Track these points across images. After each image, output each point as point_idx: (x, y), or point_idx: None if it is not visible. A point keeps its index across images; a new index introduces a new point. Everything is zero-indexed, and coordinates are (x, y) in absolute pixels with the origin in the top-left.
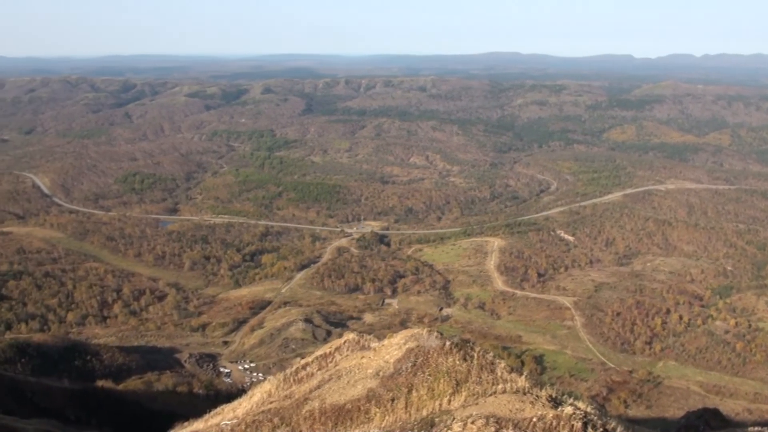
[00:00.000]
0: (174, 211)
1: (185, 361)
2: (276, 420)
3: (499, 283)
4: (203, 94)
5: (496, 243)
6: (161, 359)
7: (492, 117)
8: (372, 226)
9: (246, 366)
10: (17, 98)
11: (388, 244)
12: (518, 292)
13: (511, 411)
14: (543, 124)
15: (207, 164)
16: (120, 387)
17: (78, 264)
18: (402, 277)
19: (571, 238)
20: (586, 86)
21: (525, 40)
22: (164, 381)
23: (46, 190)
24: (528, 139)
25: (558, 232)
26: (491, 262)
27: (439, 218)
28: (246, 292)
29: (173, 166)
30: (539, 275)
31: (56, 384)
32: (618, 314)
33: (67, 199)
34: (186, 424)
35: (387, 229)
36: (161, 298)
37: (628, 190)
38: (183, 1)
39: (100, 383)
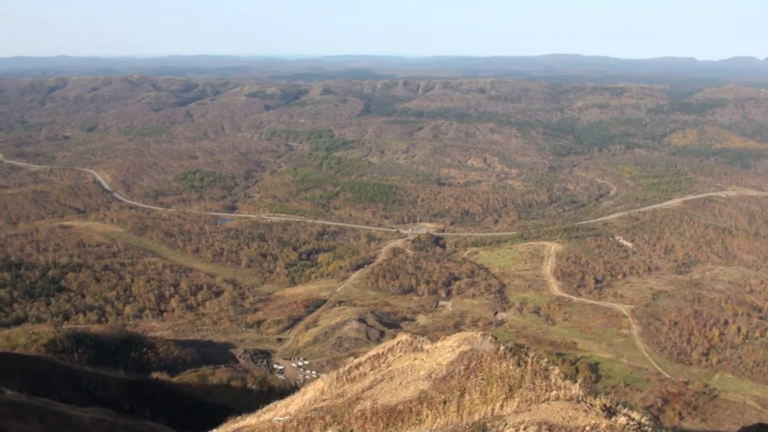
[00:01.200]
0: (232, 208)
1: (240, 356)
2: (328, 418)
3: (556, 288)
4: (263, 94)
5: (553, 248)
6: (216, 354)
7: (551, 120)
8: (427, 227)
9: (299, 363)
10: (80, 96)
11: (443, 246)
12: (574, 298)
13: (564, 419)
14: (603, 127)
15: (266, 163)
16: (175, 379)
17: (137, 258)
18: (457, 279)
19: (629, 245)
20: (647, 89)
21: (586, 42)
22: (218, 375)
23: (106, 186)
24: (588, 143)
25: (616, 237)
26: (548, 267)
27: (496, 221)
28: (301, 290)
29: (233, 164)
30: (596, 281)
31: (112, 374)
32: (675, 324)
33: (127, 195)
34: (239, 418)
35: (443, 231)
36: (218, 293)
37: (689, 197)
38: (245, 3)
39: (155, 375)
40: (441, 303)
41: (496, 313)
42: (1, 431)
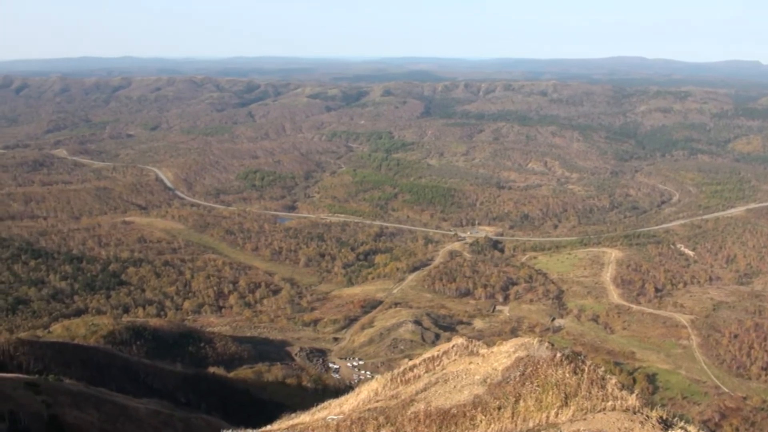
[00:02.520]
0: (292, 208)
1: (296, 354)
2: (381, 419)
3: (615, 296)
4: (324, 95)
5: (613, 254)
6: (272, 351)
7: (614, 123)
8: (486, 231)
9: (354, 363)
10: (143, 96)
11: (501, 250)
12: (634, 307)
13: (619, 429)
14: (666, 132)
15: (326, 164)
16: (231, 375)
17: (197, 255)
18: (514, 284)
19: (691, 253)
20: (711, 93)
21: (650, 44)
22: (274, 372)
23: (169, 184)
24: (650, 148)
25: (678, 245)
26: (607, 274)
27: (556, 226)
28: (358, 291)
29: (293, 164)
30: (656, 290)
31: (169, 367)
32: (735, 336)
33: (188, 193)
34: (293, 415)
35: (501, 234)
36: (276, 292)
37: (752, 205)
38: (307, 5)
39: (211, 370)
40: (498, 307)
41: (553, 320)
42: (59, 419)
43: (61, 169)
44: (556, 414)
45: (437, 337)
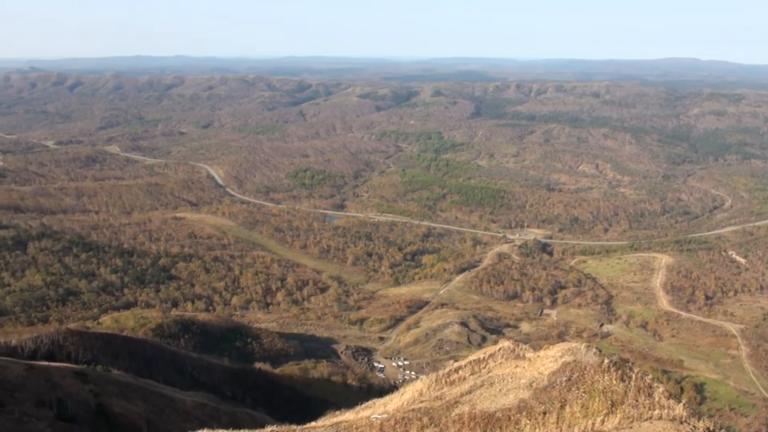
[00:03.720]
0: (341, 207)
1: (342, 352)
2: (425, 420)
3: (664, 302)
4: (374, 95)
5: (663, 260)
6: (319, 348)
7: (666, 126)
8: (535, 233)
9: (400, 363)
10: (196, 95)
11: (550, 253)
12: (683, 314)
13: None
14: (720, 135)
15: (375, 163)
16: (277, 371)
17: (246, 252)
18: (563, 288)
19: (742, 261)
20: (766, 96)
21: (704, 46)
22: (320, 369)
23: (219, 181)
24: (703, 151)
25: (729, 252)
26: (657, 280)
27: (606, 230)
28: (405, 291)
29: (342, 163)
30: (707, 298)
31: (216, 361)
32: None
33: (239, 190)
34: (337, 413)
35: (550, 237)
36: (323, 290)
37: None
38: (358, 6)
39: (258, 365)
40: (546, 311)
41: (601, 325)
42: (106, 408)
43: (113, 165)
44: (602, 421)
45: (484, 339)
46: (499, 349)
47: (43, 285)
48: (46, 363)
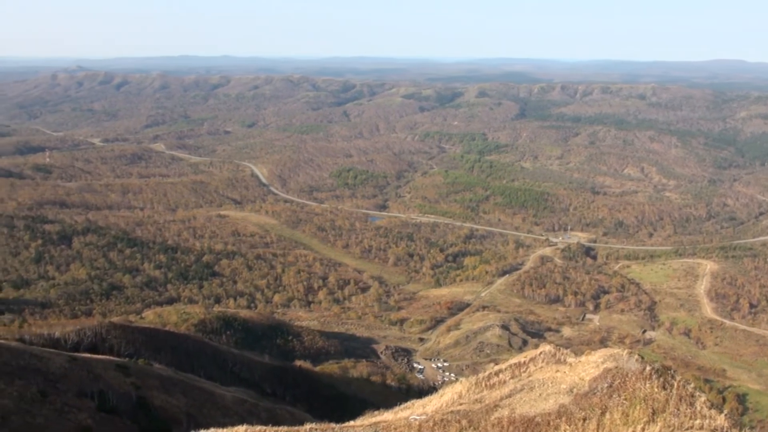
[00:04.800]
0: (383, 207)
1: (381, 352)
2: (464, 422)
3: (708, 310)
4: (418, 95)
5: (708, 266)
6: (359, 348)
7: (713, 129)
8: (579, 237)
9: (439, 365)
10: (241, 94)
11: (594, 257)
12: (727, 322)
13: None
14: (767, 139)
15: (418, 164)
16: (317, 369)
17: (288, 250)
18: (606, 293)
19: None
20: None
21: (751, 47)
22: (360, 369)
23: (263, 180)
24: (750, 156)
25: None
26: (701, 287)
27: (651, 234)
28: (446, 292)
29: (385, 164)
30: (751, 306)
31: (257, 358)
32: None
33: (282, 189)
34: (376, 413)
35: (594, 241)
36: (364, 289)
37: None
38: (403, 7)
39: (298, 363)
40: (588, 316)
41: (644, 332)
42: (147, 401)
43: (158, 162)
44: (643, 429)
45: (524, 343)
46: (540, 353)
47: (87, 279)
48: (89, 355)
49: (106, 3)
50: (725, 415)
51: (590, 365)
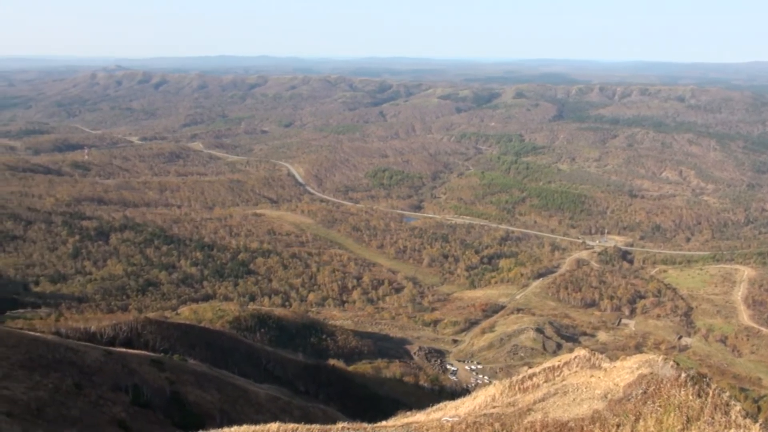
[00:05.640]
0: (418, 208)
1: (415, 353)
2: (497, 425)
3: (745, 317)
4: (455, 96)
5: (745, 272)
6: (392, 348)
7: (752, 132)
8: (615, 240)
9: (473, 367)
10: (278, 94)
11: (630, 261)
12: (764, 330)
13: None
14: None
15: (453, 165)
16: (350, 368)
17: (323, 249)
18: (642, 297)
19: None
20: None
21: None
22: (393, 369)
23: (300, 179)
24: None
25: None
26: (738, 293)
27: (688, 239)
28: (480, 294)
29: (421, 164)
30: None
31: (291, 356)
32: None
33: (318, 189)
34: (409, 413)
35: (631, 245)
36: (398, 290)
37: None
38: (441, 7)
39: (331, 362)
40: (623, 321)
41: (680, 338)
42: (181, 396)
43: (196, 161)
44: None
45: (559, 346)
46: (575, 357)
47: (123, 275)
48: (124, 350)
49: (146, 4)
50: (760, 424)
51: (625, 371)
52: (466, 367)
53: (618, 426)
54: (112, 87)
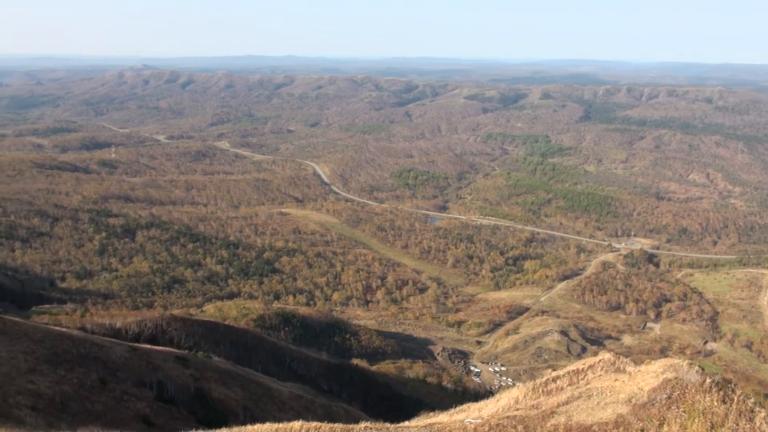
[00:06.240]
0: (443, 208)
1: (438, 353)
2: (520, 428)
3: None
4: (481, 96)
5: None
6: (415, 348)
7: None
8: (641, 243)
9: (496, 368)
10: (305, 94)
11: (656, 265)
12: None
13: None
14: None
15: (479, 165)
16: (373, 368)
17: (348, 249)
18: (668, 301)
19: None
20: None
21: None
22: (416, 369)
23: (325, 179)
24: None
25: None
26: (765, 298)
27: (715, 243)
28: (505, 296)
29: (446, 165)
30: None
31: (314, 355)
32: None
33: (344, 189)
34: (431, 414)
35: (657, 248)
36: (422, 290)
37: None
38: (469, 7)
39: (355, 361)
40: (649, 324)
41: (705, 343)
42: (205, 393)
43: (222, 159)
44: None
45: (583, 349)
46: (599, 360)
47: (149, 272)
48: (149, 346)
49: (173, 4)
50: None
51: (650, 375)
52: (490, 369)
53: (642, 431)
54: (139, 86)
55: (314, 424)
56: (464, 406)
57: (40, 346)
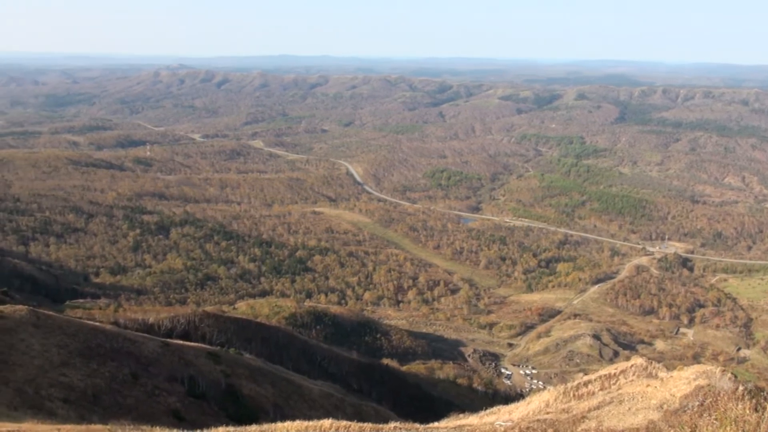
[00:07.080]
0: (476, 209)
1: (469, 355)
2: (550, 431)
3: None
4: (516, 97)
5: None
6: (446, 349)
7: None
8: (676, 247)
9: (527, 371)
10: (339, 93)
11: (691, 269)
12: None
13: None
14: None
15: (513, 166)
16: (404, 368)
17: (380, 248)
18: (701, 306)
19: None
20: None
21: None
22: (446, 370)
23: (358, 178)
24: None
25: None
26: None
27: (750, 247)
28: (537, 298)
29: (480, 165)
30: None
31: (345, 354)
32: None
33: (376, 188)
34: (461, 416)
35: (692, 252)
36: (454, 291)
37: None
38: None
39: (385, 361)
40: (682, 330)
41: (739, 349)
42: (236, 389)
43: (256, 158)
44: None
45: (616, 354)
46: (632, 365)
47: (183, 269)
48: (181, 342)
49: (209, 4)
50: None
51: (682, 381)
52: (521, 372)
53: None
54: (174, 85)
55: (344, 422)
56: (494, 409)
57: (73, 339)
